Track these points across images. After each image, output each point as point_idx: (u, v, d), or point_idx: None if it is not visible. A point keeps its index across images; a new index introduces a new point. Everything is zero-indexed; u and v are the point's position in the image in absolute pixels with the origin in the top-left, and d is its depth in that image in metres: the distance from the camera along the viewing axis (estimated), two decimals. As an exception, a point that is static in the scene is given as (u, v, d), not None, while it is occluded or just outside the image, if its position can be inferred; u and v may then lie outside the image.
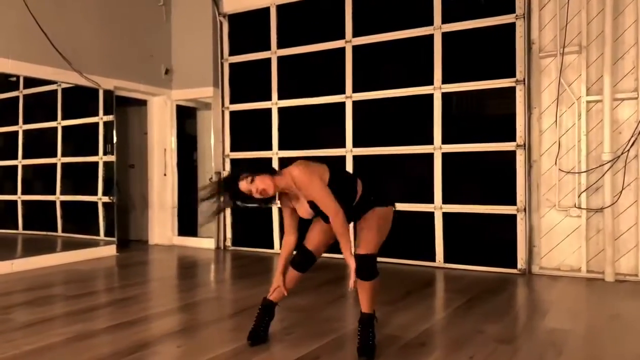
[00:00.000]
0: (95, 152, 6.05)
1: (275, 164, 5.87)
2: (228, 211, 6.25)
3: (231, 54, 6.19)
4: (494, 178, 4.81)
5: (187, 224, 6.78)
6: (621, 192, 4.26)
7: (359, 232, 2.61)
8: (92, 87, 5.52)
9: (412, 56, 5.14)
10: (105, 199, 6.04)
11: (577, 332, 2.96)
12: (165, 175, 6.56)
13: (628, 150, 4.21)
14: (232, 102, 6.22)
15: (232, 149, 6.24)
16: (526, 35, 4.58)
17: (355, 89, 5.37)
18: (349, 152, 5.42)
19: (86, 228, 6.17)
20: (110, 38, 5.72)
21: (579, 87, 4.46)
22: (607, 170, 4.28)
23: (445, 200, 4.94)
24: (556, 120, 4.54)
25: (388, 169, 5.29)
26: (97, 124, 5.94)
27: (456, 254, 4.92)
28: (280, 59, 5.84)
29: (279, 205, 2.82)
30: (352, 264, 2.45)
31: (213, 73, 6.21)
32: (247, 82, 6.14)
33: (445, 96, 4.94)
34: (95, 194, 6.12)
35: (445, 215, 4.95)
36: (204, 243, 6.35)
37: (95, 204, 6.12)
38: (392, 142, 5.20)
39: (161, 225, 6.57)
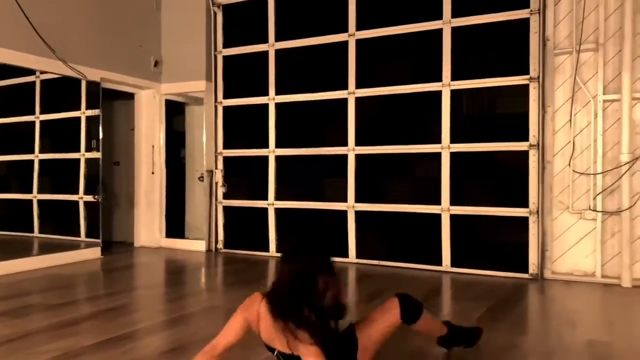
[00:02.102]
0: (77, 149, 5.68)
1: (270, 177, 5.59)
2: (220, 211, 5.95)
3: (225, 46, 5.88)
4: (505, 179, 4.63)
5: (176, 225, 6.45)
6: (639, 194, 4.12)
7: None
8: (76, 77, 5.14)
9: (420, 51, 4.92)
10: (88, 197, 5.67)
11: (619, 345, 2.78)
12: (153, 173, 6.20)
13: (647, 151, 4.07)
14: (225, 96, 5.91)
15: (225, 146, 5.93)
16: (541, 31, 4.41)
17: (359, 85, 5.13)
18: (352, 150, 5.17)
19: (66, 229, 5.80)
20: (97, 26, 5.36)
21: (594, 86, 4.30)
22: (625, 171, 4.14)
23: (453, 202, 4.74)
24: (570, 120, 4.38)
25: (393, 169, 5.07)
26: (79, 119, 5.56)
27: (464, 258, 4.73)
28: (278, 53, 5.56)
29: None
30: None
31: (206, 66, 5.89)
32: (242, 76, 5.84)
33: (455, 93, 4.74)
34: (77, 192, 5.75)
35: (453, 217, 4.74)
36: (194, 245, 6.03)
37: (76, 203, 5.74)
38: (398, 141, 4.98)
39: (148, 226, 6.22)
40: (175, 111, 6.54)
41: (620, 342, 2.84)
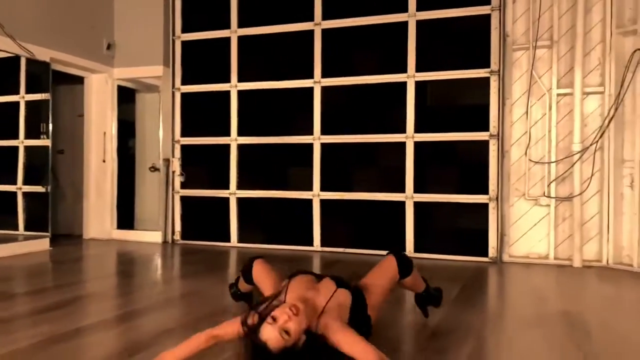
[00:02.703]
0: (15, 135, 5.31)
1: (232, 154, 5.51)
2: (177, 202, 5.77)
3: (184, 31, 5.70)
4: (467, 167, 4.84)
5: (125, 217, 6.19)
6: (589, 181, 4.45)
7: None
8: (24, 55, 4.80)
9: (386, 43, 5.03)
10: (33, 188, 5.32)
11: (591, 314, 3.00)
12: (104, 161, 5.91)
13: (597, 141, 4.40)
14: (184, 83, 5.74)
15: (184, 134, 5.76)
16: (501, 27, 4.65)
17: (325, 74, 5.16)
18: (317, 139, 5.20)
19: (8, 221, 5.40)
20: (47, 1, 5.02)
21: (549, 80, 4.60)
22: (577, 160, 4.46)
23: (417, 190, 4.90)
24: (527, 112, 4.66)
25: (359, 158, 5.15)
26: (28, 102, 5.20)
27: (426, 244, 4.89)
28: (241, 39, 5.47)
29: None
30: None
31: (163, 51, 5.68)
32: (202, 62, 5.70)
33: (419, 85, 4.89)
34: (15, 182, 5.38)
35: (417, 204, 4.90)
36: (149, 237, 5.81)
37: (14, 194, 5.37)
38: (363, 131, 5.07)
39: (99, 217, 5.92)
40: (124, 99, 6.26)
41: (591, 312, 3.08)
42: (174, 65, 5.73)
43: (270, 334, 1.75)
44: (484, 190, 4.72)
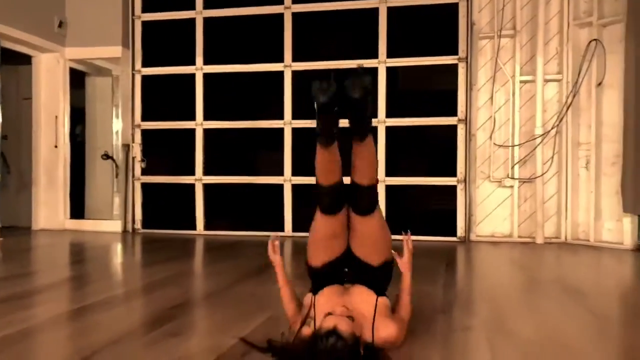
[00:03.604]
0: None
1: (198, 147, 5.35)
2: (138, 189, 5.53)
3: (145, 10, 5.45)
4: (436, 151, 5.01)
5: (76, 206, 5.84)
6: (549, 163, 4.75)
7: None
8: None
9: (357, 28, 5.08)
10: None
11: (578, 279, 3.23)
12: (56, 147, 5.53)
13: (556, 125, 4.71)
14: (145, 65, 5.49)
15: (144, 119, 5.51)
16: (468, 15, 4.84)
17: (296, 59, 5.13)
18: (288, 124, 5.16)
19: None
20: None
21: (512, 68, 4.85)
22: (539, 144, 4.75)
23: (389, 173, 5.00)
24: (491, 97, 4.89)
25: (330, 142, 5.17)
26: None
27: (398, 225, 5.00)
28: (207, 21, 5.31)
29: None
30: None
31: (122, 31, 5.40)
32: (164, 44, 5.48)
33: (390, 70, 4.99)
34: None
35: (388, 187, 5.00)
36: (108, 226, 5.53)
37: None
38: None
39: (50, 206, 5.54)
40: (73, 83, 5.87)
41: (577, 277, 3.31)
42: (134, 46, 5.47)
43: (334, 320, 1.66)
44: (453, 173, 4.91)
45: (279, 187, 5.20)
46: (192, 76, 5.35)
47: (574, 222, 4.70)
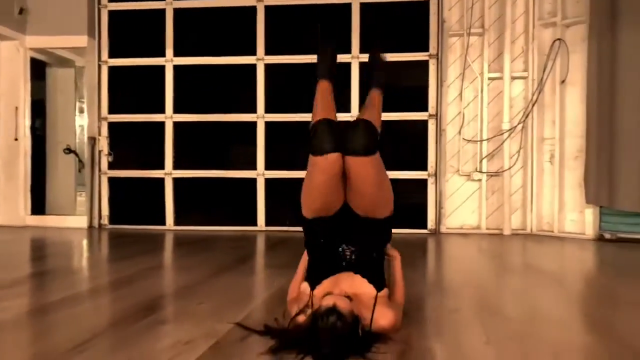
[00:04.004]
0: None
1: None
2: (104, 183, 5.37)
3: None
4: (408, 145, 5.10)
5: (37, 201, 5.61)
6: (516, 157, 4.92)
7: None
8: None
9: (330, 23, 5.11)
10: None
11: (543, 265, 3.36)
12: (16, 139, 5.30)
13: (522, 121, 4.88)
14: (111, 55, 5.33)
15: (112, 111, 5.36)
16: (439, 13, 4.96)
17: (269, 52, 5.11)
18: (261, 117, 5.14)
19: None
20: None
21: (480, 65, 5.00)
22: (506, 138, 4.91)
23: (361, 167, 5.05)
24: (461, 94, 5.02)
25: (302, 136, 5.17)
26: None
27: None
28: (178, 12, 5.22)
29: None
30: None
31: (88, 20, 5.23)
32: (132, 34, 5.34)
33: (363, 66, 5.03)
34: None
35: (361, 181, 5.05)
36: (72, 222, 5.35)
37: None
38: (308, 109, 5.09)
39: (10, 202, 5.30)
40: (34, 74, 5.63)
41: (547, 264, 3.44)
42: (100, 36, 5.30)
43: (333, 298, 1.66)
44: (424, 167, 5.01)
45: (252, 181, 5.17)
46: (161, 68, 5.25)
47: (539, 214, 4.88)
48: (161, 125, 5.26)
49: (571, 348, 1.79)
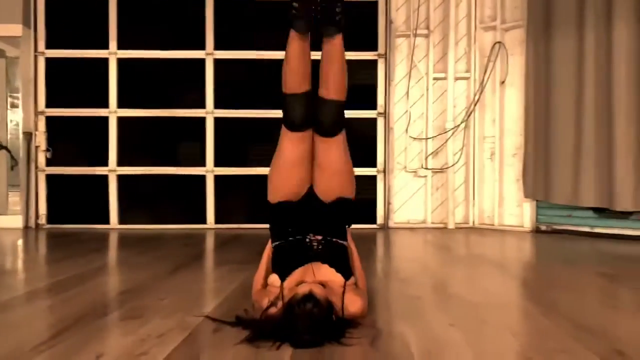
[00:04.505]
0: None
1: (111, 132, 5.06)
2: (42, 181, 5.10)
3: (50, -13, 5.04)
4: (358, 143, 5.18)
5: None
6: (459, 155, 5.14)
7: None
8: None
9: (282, 20, 5.10)
10: None
11: (493, 256, 3.55)
12: (-58, 134, 4.92)
13: (465, 120, 5.11)
14: (49, 46, 5.07)
15: (49, 105, 5.10)
16: (387, 14, 5.09)
17: (219, 47, 5.05)
18: (210, 113, 5.07)
19: None
20: None
21: (425, 65, 5.18)
22: (450, 137, 5.12)
23: (312, 164, 5.10)
24: (407, 93, 5.18)
25: (255, 133, 5.16)
26: None
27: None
28: (122, 2, 5.04)
29: None
30: None
31: (23, 7, 4.94)
32: (72, 25, 5.11)
33: (315, 63, 5.07)
34: None
35: (311, 178, 5.10)
36: (6, 222, 5.05)
37: None
38: (260, 106, 5.09)
39: None
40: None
41: (492, 254, 3.64)
42: (36, 26, 5.03)
43: (309, 285, 1.68)
44: (373, 164, 5.13)
45: (201, 178, 5.08)
46: (104, 60, 5.05)
47: (480, 208, 5.13)
48: (104, 120, 5.07)
49: (525, 327, 1.94)
